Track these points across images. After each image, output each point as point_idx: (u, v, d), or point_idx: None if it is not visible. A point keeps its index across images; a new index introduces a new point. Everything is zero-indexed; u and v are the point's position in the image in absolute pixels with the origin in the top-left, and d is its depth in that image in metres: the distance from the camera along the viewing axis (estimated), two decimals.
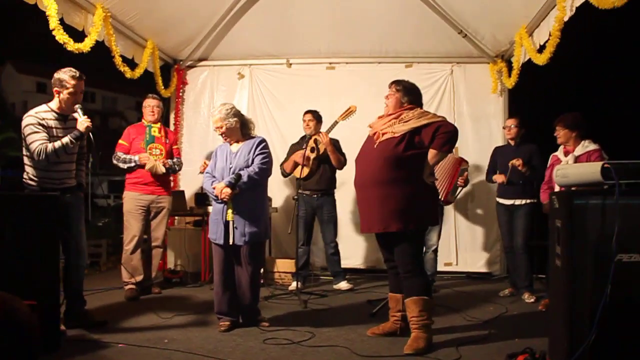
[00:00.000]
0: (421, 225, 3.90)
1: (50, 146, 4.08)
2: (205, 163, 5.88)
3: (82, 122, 4.20)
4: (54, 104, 4.25)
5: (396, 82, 4.04)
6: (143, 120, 5.81)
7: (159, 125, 5.79)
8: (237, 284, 4.28)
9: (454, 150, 4.94)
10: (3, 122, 25.85)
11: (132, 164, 5.56)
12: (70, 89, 4.18)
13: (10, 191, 4.65)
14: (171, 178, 6.24)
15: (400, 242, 3.79)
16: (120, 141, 5.68)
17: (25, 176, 4.20)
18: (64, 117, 4.29)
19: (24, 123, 4.12)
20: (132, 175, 5.63)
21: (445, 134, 3.71)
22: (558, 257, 3.08)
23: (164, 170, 5.61)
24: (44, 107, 4.25)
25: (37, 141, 4.06)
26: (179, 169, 6.00)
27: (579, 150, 4.77)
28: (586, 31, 6.12)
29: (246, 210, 4.20)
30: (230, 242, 4.16)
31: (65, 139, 4.15)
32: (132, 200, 5.59)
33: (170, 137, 5.91)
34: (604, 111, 8.46)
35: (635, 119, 8.01)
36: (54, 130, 4.19)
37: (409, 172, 3.74)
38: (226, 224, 4.19)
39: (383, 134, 3.84)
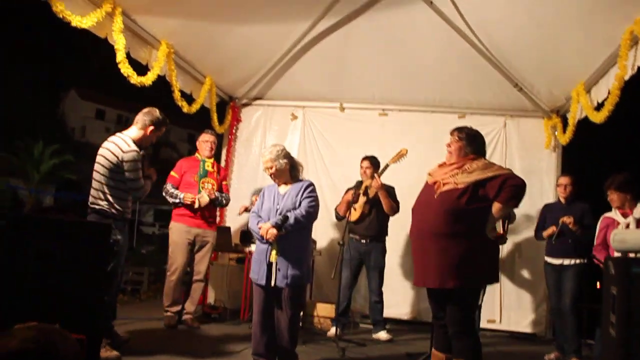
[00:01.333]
0: (479, 283, 3.71)
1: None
2: (245, 207, 6.00)
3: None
4: (136, 136, 4.39)
5: (458, 130, 3.86)
6: (197, 155, 5.92)
7: (212, 160, 5.90)
8: (276, 326, 4.24)
9: None
10: (62, 146, 26.94)
11: (177, 200, 5.65)
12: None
13: (64, 213, 4.80)
14: (217, 213, 6.32)
15: (455, 300, 3.57)
16: (172, 173, 5.79)
17: (103, 205, 4.25)
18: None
19: (128, 157, 4.24)
20: (181, 207, 5.72)
21: (512, 187, 3.54)
22: (612, 326, 2.96)
23: (207, 200, 5.65)
24: (130, 140, 4.34)
25: (143, 178, 4.35)
26: (226, 204, 6.09)
27: (638, 212, 4.55)
28: None
29: (290, 252, 4.17)
30: (272, 284, 4.13)
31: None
32: (178, 232, 5.67)
33: (221, 173, 6.03)
34: None
35: None
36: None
37: (470, 226, 3.55)
38: (269, 264, 4.15)
39: (444, 184, 3.66)
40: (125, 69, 4.81)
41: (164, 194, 5.72)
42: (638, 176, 4.71)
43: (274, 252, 4.15)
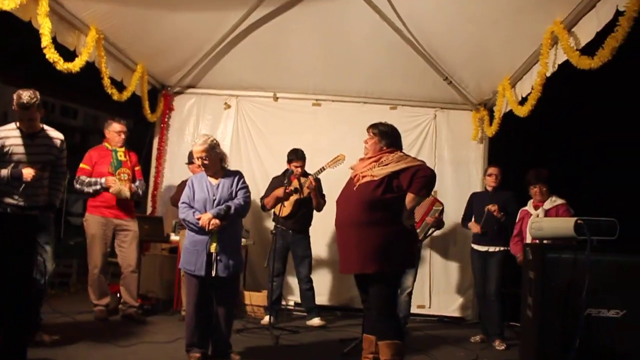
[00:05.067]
0: (397, 268, 3.89)
1: None
2: None
3: (30, 172, 4.27)
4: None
5: (372, 126, 4.06)
6: (106, 144, 5.64)
7: (123, 149, 5.67)
8: (214, 316, 4.23)
9: (433, 193, 5.07)
10: None
11: (98, 187, 5.43)
12: (16, 113, 4.28)
13: None
14: (150, 204, 6.19)
15: (376, 284, 3.75)
16: (81, 165, 5.53)
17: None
18: (31, 135, 4.36)
19: None
20: (96, 198, 5.50)
21: (422, 178, 3.74)
22: (529, 307, 3.15)
23: (128, 195, 5.50)
24: (12, 125, 4.34)
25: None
26: (142, 192, 5.90)
27: (548, 204, 5.00)
28: (567, 87, 6.28)
29: (229, 242, 4.19)
30: (213, 274, 4.11)
31: (4, 172, 4.23)
32: (96, 224, 5.47)
33: (132, 159, 5.78)
34: (577, 166, 8.60)
35: (603, 177, 8.18)
36: (15, 147, 4.29)
37: (387, 214, 3.74)
38: (209, 255, 4.13)
39: (363, 177, 3.85)
40: (51, 55, 4.57)
41: (78, 186, 5.45)
42: (554, 169, 5.04)
43: (214, 243, 4.14)
